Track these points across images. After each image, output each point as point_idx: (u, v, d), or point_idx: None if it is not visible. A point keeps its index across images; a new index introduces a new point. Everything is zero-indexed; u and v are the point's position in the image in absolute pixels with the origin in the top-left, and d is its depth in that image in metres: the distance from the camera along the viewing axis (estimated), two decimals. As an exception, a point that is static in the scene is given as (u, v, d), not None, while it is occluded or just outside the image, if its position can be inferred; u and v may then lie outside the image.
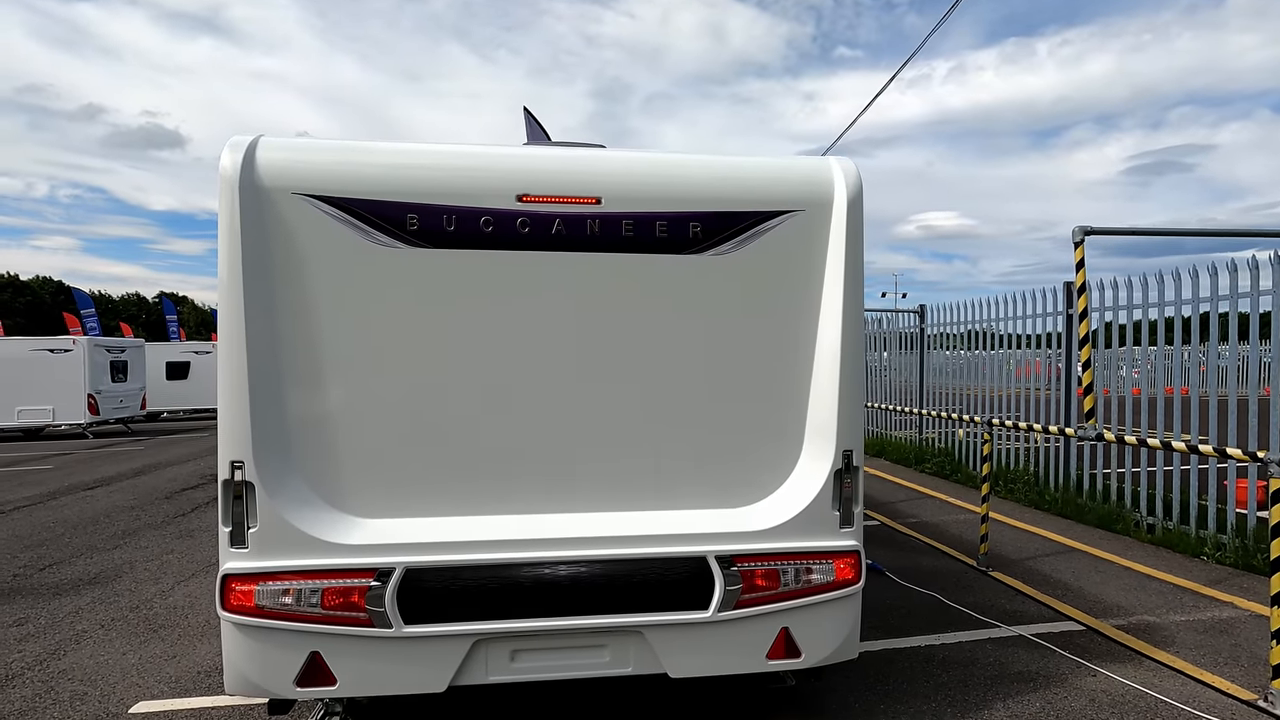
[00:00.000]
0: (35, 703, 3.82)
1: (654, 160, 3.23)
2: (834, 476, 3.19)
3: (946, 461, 10.85)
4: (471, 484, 3.05)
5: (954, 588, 5.53)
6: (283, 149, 2.96)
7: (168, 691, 3.93)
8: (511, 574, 2.98)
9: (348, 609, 2.88)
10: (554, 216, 3.02)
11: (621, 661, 3.11)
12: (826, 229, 3.22)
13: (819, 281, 3.23)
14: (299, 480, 2.93)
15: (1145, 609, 5.09)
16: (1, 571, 6.27)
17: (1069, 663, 4.21)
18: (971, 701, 3.75)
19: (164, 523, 8.13)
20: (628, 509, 3.15)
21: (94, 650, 4.51)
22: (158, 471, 12.07)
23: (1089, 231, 5.20)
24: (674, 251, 3.11)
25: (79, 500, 9.57)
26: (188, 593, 5.61)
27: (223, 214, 2.85)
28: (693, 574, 3.08)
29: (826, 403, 3.20)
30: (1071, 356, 8.40)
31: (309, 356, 2.94)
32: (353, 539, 2.92)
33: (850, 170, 3.28)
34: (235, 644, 2.90)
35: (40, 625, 4.95)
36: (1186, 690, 3.87)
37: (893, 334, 13.67)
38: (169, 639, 4.68)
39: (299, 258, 2.91)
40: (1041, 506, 8.35)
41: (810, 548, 3.17)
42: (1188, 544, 6.49)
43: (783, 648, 3.18)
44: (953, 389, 11.34)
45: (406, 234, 2.95)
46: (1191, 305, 6.72)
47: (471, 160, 3.07)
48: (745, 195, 3.17)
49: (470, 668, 3.00)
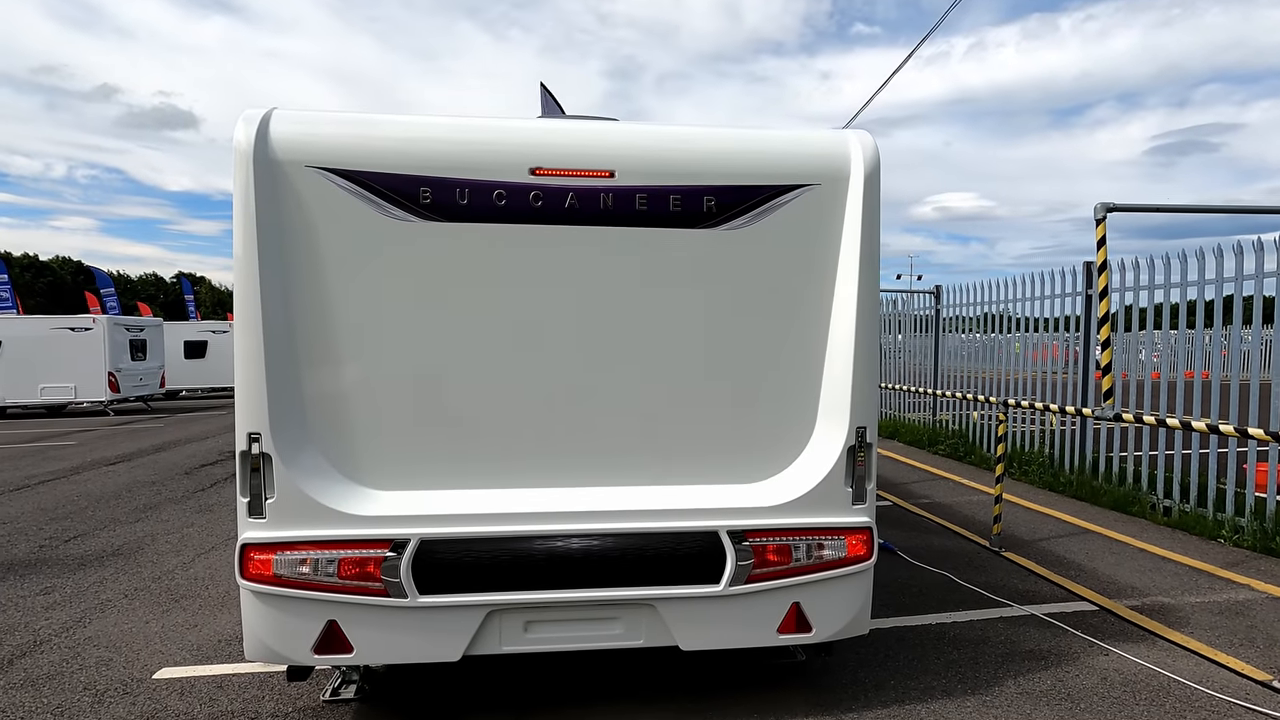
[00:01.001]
0: (63, 667, 3.93)
1: (668, 133, 3.20)
2: (847, 453, 3.18)
3: (960, 443, 10.79)
4: (485, 457, 3.07)
5: (966, 567, 5.53)
6: (296, 122, 2.95)
7: (190, 659, 4.03)
8: (525, 546, 3.01)
9: (364, 579, 2.92)
10: (567, 190, 3.00)
11: (633, 633, 3.15)
12: (843, 203, 3.18)
13: (834, 256, 3.20)
14: (315, 452, 2.96)
15: (1160, 590, 5.06)
16: (28, 543, 6.42)
17: (1081, 642, 4.20)
18: (982, 678, 3.76)
19: (184, 497, 8.28)
20: (641, 484, 3.16)
21: (118, 619, 4.62)
22: (177, 448, 12.27)
23: (1111, 208, 5.10)
24: (688, 225, 3.09)
25: (101, 475, 9.76)
26: (208, 565, 5.72)
27: (237, 188, 2.85)
28: (705, 548, 3.09)
29: (840, 379, 3.18)
30: (1090, 339, 8.29)
31: (324, 330, 2.95)
32: (368, 510, 2.95)
33: (868, 144, 3.23)
34: (254, 612, 2.96)
35: (66, 594, 5.07)
36: (1200, 670, 3.85)
37: (908, 316, 13.54)
38: (190, 609, 4.78)
39: (313, 231, 2.92)
40: (1056, 489, 8.30)
41: (822, 524, 3.17)
42: (1205, 526, 6.43)
43: (793, 622, 3.20)
44: (968, 372, 11.25)
45: (419, 207, 2.95)
46: (1215, 286, 6.59)
47: (485, 133, 3.05)
48: (760, 169, 3.13)
49: (484, 638, 3.04)
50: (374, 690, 3.59)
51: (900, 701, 3.52)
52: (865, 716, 3.38)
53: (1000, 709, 3.46)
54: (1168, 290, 7.14)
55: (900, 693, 3.61)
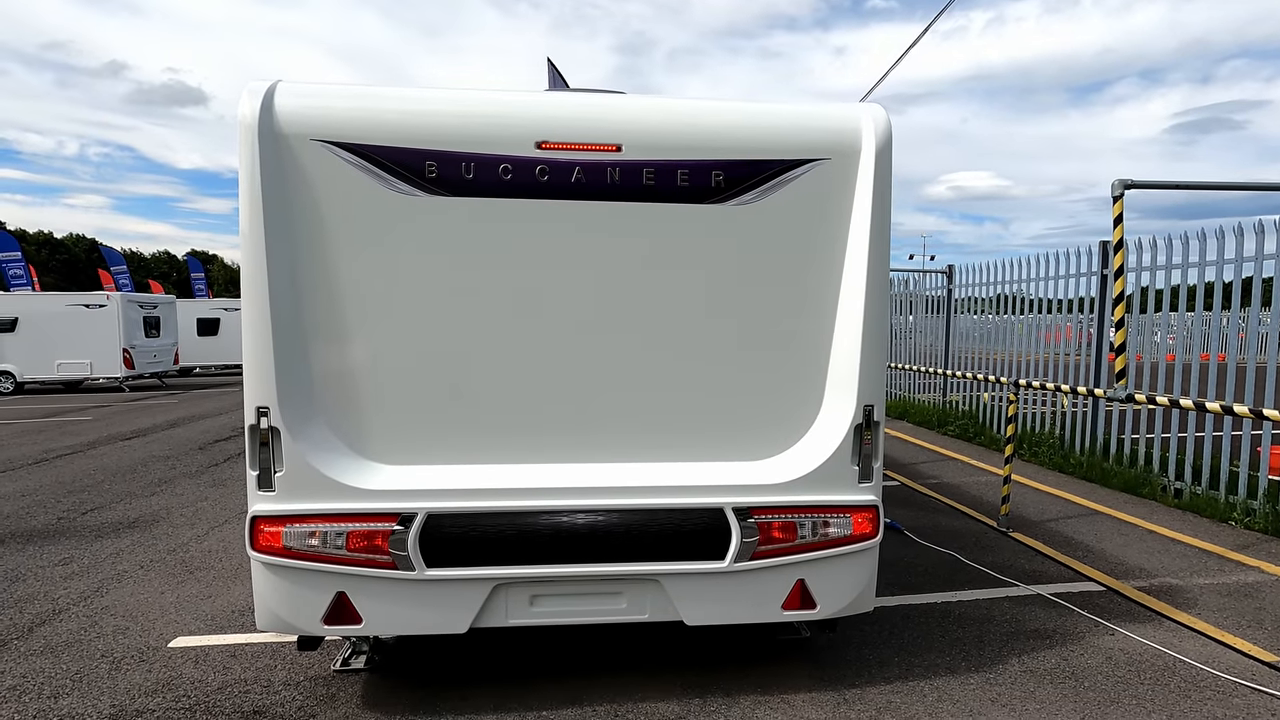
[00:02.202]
0: (81, 635, 4.02)
1: (676, 106, 3.15)
2: (854, 431, 3.16)
3: (970, 424, 10.74)
4: (491, 432, 3.08)
5: (973, 547, 5.53)
6: (301, 95, 2.93)
7: (204, 628, 4.10)
8: (531, 521, 3.03)
9: (372, 551, 2.95)
10: (573, 164, 2.97)
11: (638, 608, 3.17)
12: (853, 179, 3.13)
13: (844, 233, 3.16)
14: (323, 426, 2.98)
15: (1168, 571, 5.04)
16: (47, 514, 6.54)
17: (1087, 622, 4.20)
18: (986, 656, 3.77)
19: (198, 472, 8.40)
20: (646, 460, 3.17)
21: (134, 589, 4.71)
22: (191, 424, 12.42)
23: (1129, 185, 4.99)
24: (695, 201, 3.05)
25: (117, 449, 9.90)
26: (221, 538, 5.82)
27: (243, 162, 2.84)
28: (710, 525, 3.10)
29: (848, 357, 3.16)
30: (1104, 319, 8.19)
31: (330, 304, 2.96)
32: (376, 484, 2.98)
33: (880, 118, 3.17)
34: (265, 583, 3.00)
35: (84, 565, 5.17)
36: (1207, 651, 3.84)
37: (919, 296, 13.41)
38: (204, 580, 4.87)
39: (318, 205, 2.91)
40: (1066, 470, 8.25)
41: (828, 501, 3.17)
42: (1216, 509, 6.39)
43: (798, 599, 3.22)
44: (979, 353, 11.16)
45: (425, 182, 2.93)
46: (1234, 266, 6.47)
47: (490, 106, 3.01)
48: (769, 143, 3.08)
49: (490, 611, 3.08)
50: (384, 661, 3.65)
51: (904, 678, 3.54)
52: (869, 692, 3.40)
53: (1003, 686, 3.47)
54: (1185, 270, 7.02)
55: (904, 669, 3.63)
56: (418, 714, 3.18)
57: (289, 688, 3.43)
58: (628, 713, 3.21)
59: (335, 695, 3.36)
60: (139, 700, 3.32)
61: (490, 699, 3.31)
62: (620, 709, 3.24)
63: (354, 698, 3.33)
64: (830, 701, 3.32)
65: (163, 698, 3.35)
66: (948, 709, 3.27)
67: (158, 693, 3.39)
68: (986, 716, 3.21)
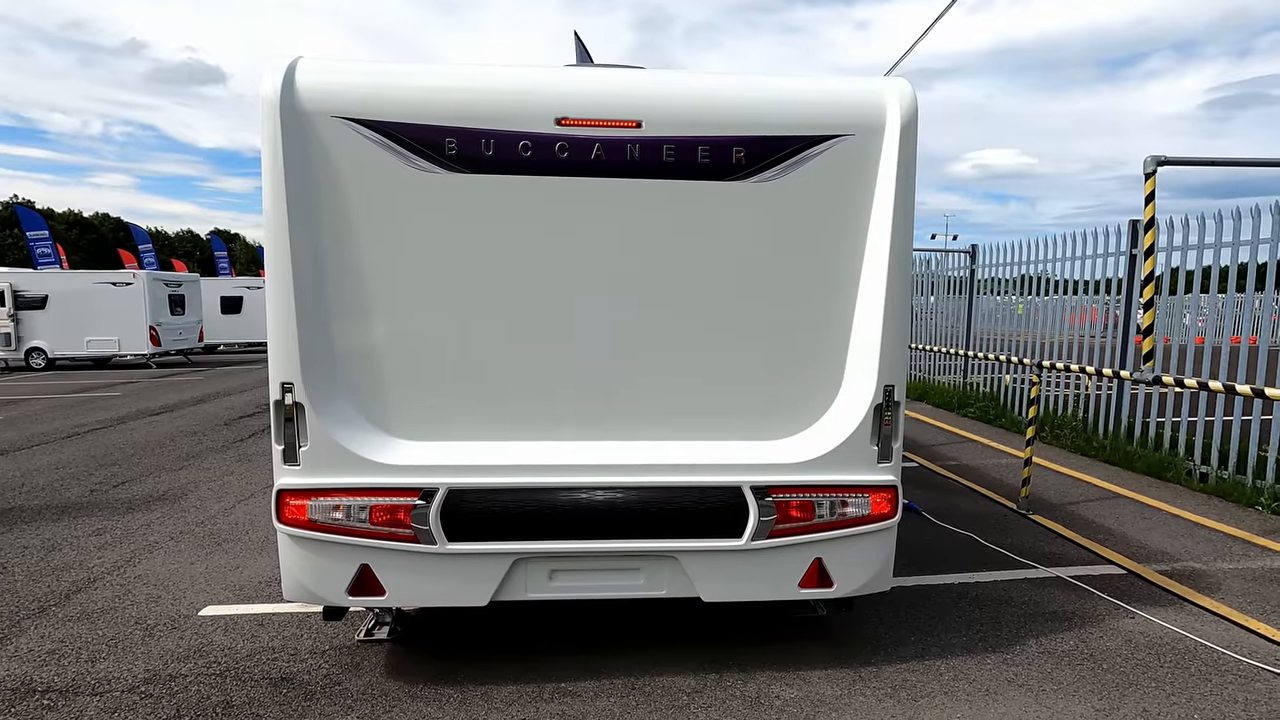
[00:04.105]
0: (116, 603, 4.15)
1: (697, 82, 3.11)
2: (874, 411, 3.15)
3: (991, 406, 10.63)
4: (510, 408, 3.11)
5: (992, 529, 5.50)
6: (322, 71, 2.93)
7: (232, 598, 4.22)
8: (550, 498, 3.06)
9: (394, 525, 3.01)
10: (593, 140, 2.95)
11: (655, 584, 3.21)
12: (877, 155, 3.08)
13: (867, 211, 3.11)
14: (346, 402, 3.03)
15: (1191, 556, 4.99)
16: (80, 487, 6.73)
17: (1106, 604, 4.17)
18: (1003, 637, 3.77)
19: (224, 447, 8.57)
20: (665, 438, 3.18)
21: (165, 559, 4.84)
22: (217, 400, 12.66)
23: (1162, 161, 4.86)
24: (716, 178, 3.03)
25: (146, 425, 10.13)
26: (248, 510, 5.95)
27: (265, 138, 2.86)
28: (728, 503, 3.11)
29: (869, 336, 3.13)
30: (1132, 301, 8.02)
31: (352, 282, 2.98)
32: (398, 459, 3.02)
33: (905, 93, 3.11)
34: (291, 554, 3.07)
35: (116, 535, 5.33)
36: (1229, 636, 3.81)
37: (941, 277, 13.22)
38: (232, 551, 4.99)
39: (339, 183, 2.92)
40: (1088, 453, 8.16)
41: (846, 481, 3.16)
42: (1242, 494, 6.29)
43: (815, 577, 3.23)
44: (1002, 335, 11.00)
45: (445, 159, 2.93)
46: (1270, 246, 6.28)
47: (510, 82, 3.00)
48: (791, 119, 3.04)
49: (510, 585, 3.13)
50: (406, 632, 3.73)
51: (919, 657, 3.55)
52: (884, 671, 3.42)
53: (1020, 667, 3.47)
54: (1217, 251, 6.84)
55: (920, 649, 3.64)
56: (440, 684, 3.26)
57: (315, 656, 3.52)
58: (644, 686, 3.26)
59: (359, 664, 3.44)
60: (171, 665, 3.43)
61: (510, 670, 3.38)
62: (637, 682, 3.29)
63: (377, 667, 3.42)
64: (846, 679, 3.35)
65: (194, 664, 3.45)
66: (963, 688, 3.28)
67: (189, 659, 3.50)
68: (1003, 696, 3.22)
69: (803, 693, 3.23)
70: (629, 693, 3.21)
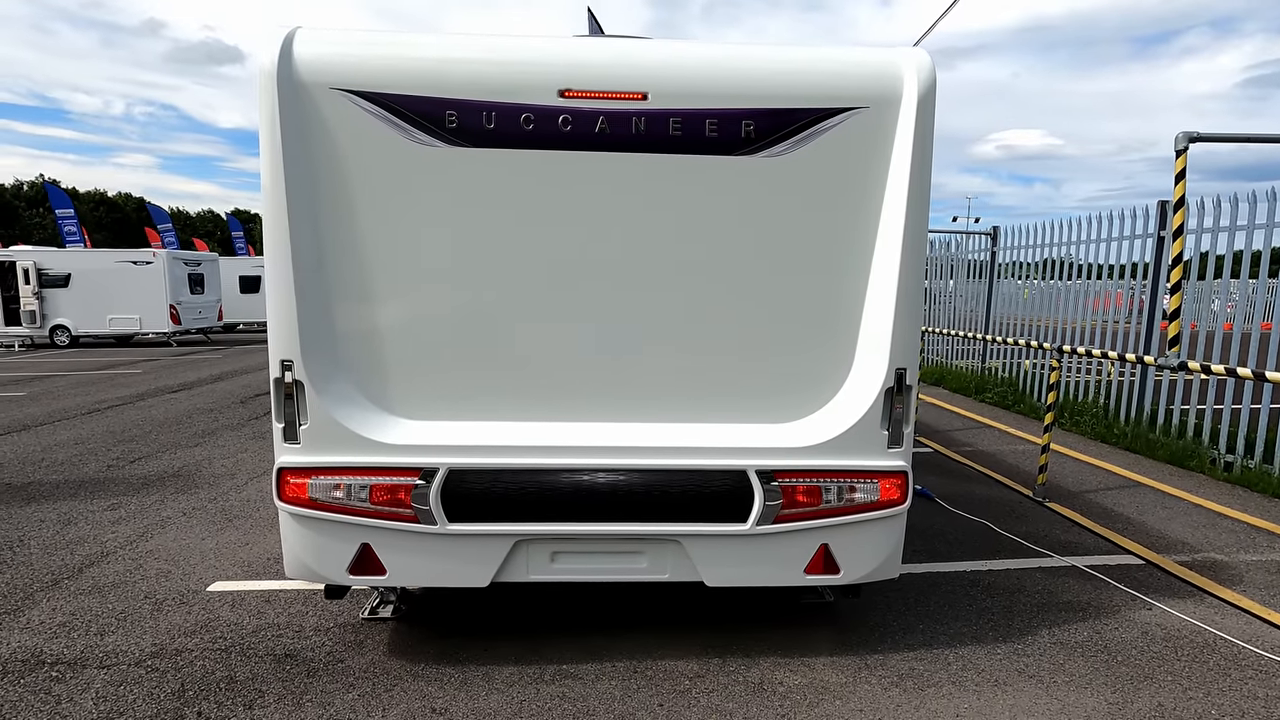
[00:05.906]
0: (127, 577, 4.20)
1: (705, 52, 3.00)
2: (885, 395, 3.06)
3: (1009, 392, 10.44)
4: (513, 389, 3.06)
5: (1007, 517, 5.40)
6: (320, 42, 2.86)
7: (240, 574, 4.25)
8: (552, 479, 3.02)
9: (395, 505, 2.98)
10: (598, 114, 2.86)
11: (659, 568, 3.16)
12: (892, 129, 2.96)
13: (881, 187, 3.00)
14: (346, 381, 2.99)
15: (1213, 546, 4.86)
16: (98, 462, 6.83)
17: (1123, 595, 4.08)
18: (1015, 627, 3.69)
19: (239, 425, 8.66)
20: (669, 420, 3.12)
21: (176, 535, 4.89)
22: (234, 378, 12.80)
23: (1195, 138, 4.65)
24: (725, 153, 2.93)
25: (164, 402, 10.26)
26: (259, 488, 6.00)
27: (262, 111, 2.80)
28: (733, 487, 3.05)
29: (881, 318, 3.03)
30: (1158, 285, 7.79)
31: (352, 258, 2.93)
32: (398, 439, 2.99)
33: (923, 64, 2.97)
34: (292, 533, 3.07)
35: (130, 511, 5.39)
36: (1250, 629, 3.70)
37: (960, 260, 12.96)
38: (242, 528, 5.03)
39: (339, 157, 2.86)
40: (1109, 440, 7.98)
41: (855, 466, 3.09)
42: (1268, 483, 6.11)
43: (821, 563, 3.17)
44: (1023, 319, 10.78)
45: (446, 132, 2.85)
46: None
47: (512, 53, 2.91)
48: (803, 91, 2.92)
49: (512, 566, 3.10)
50: (410, 611, 3.73)
51: (928, 645, 3.49)
52: (891, 659, 3.36)
53: (1031, 657, 3.40)
54: (1250, 233, 6.60)
55: (928, 637, 3.58)
56: (442, 663, 3.26)
57: (319, 633, 3.54)
58: (647, 669, 3.23)
59: (363, 642, 3.45)
60: (178, 640, 3.46)
61: (512, 651, 3.36)
62: (639, 665, 3.26)
63: (381, 645, 3.42)
64: (851, 666, 3.29)
65: (201, 638, 3.48)
66: (972, 678, 3.22)
67: (196, 633, 3.53)
68: (1012, 687, 3.15)
69: (806, 679, 3.18)
70: (630, 676, 3.18)
